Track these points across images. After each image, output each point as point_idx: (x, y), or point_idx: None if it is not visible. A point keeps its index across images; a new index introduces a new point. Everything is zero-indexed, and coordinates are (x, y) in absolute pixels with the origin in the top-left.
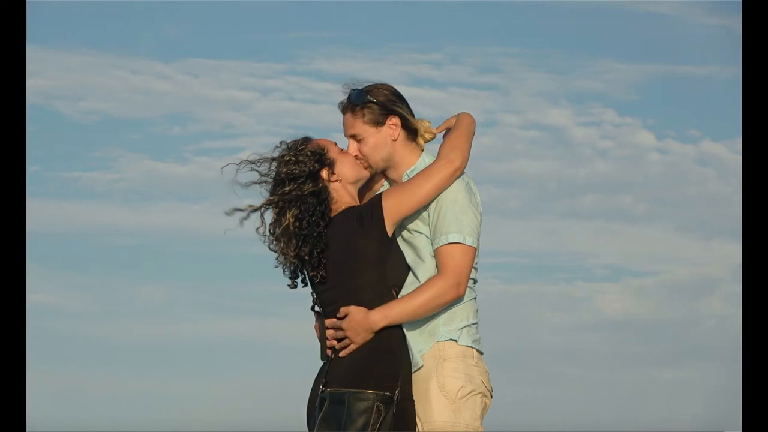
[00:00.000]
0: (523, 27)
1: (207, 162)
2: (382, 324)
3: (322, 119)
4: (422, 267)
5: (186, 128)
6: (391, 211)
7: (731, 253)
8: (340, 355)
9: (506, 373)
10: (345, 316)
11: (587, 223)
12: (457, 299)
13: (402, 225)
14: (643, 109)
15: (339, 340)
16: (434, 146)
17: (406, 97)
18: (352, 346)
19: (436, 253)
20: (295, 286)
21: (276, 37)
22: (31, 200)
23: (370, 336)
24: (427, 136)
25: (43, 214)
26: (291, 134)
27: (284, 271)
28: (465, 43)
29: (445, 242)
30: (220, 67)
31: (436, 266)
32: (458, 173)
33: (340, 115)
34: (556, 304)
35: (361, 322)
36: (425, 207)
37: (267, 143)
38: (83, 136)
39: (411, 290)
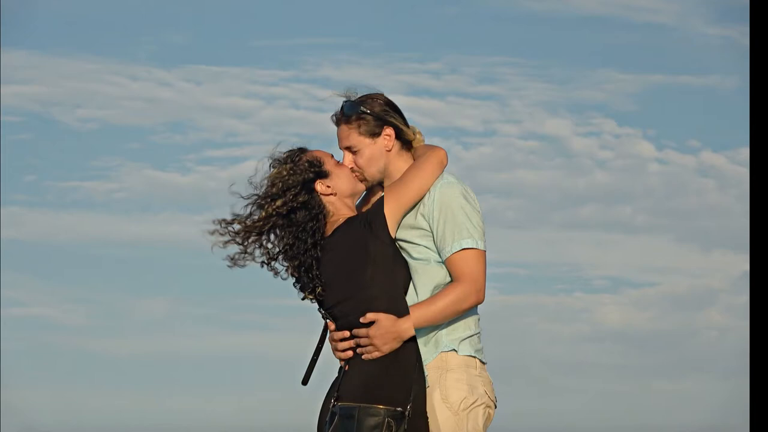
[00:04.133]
0: (523, 37)
1: (209, 171)
2: (412, 332)
3: (328, 128)
4: (421, 279)
5: (187, 137)
6: (392, 208)
7: (731, 264)
8: (364, 357)
9: (505, 384)
10: (372, 322)
11: (586, 233)
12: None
13: (397, 237)
14: (643, 120)
15: (354, 349)
16: None
17: (403, 107)
18: (377, 354)
19: (450, 261)
20: (310, 298)
21: (281, 43)
22: (28, 210)
23: (397, 345)
24: (419, 141)
25: (40, 224)
26: (296, 143)
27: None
28: (464, 53)
29: (458, 248)
30: (222, 74)
31: (450, 274)
32: (446, 159)
33: None
34: (555, 315)
35: (391, 329)
36: (424, 218)
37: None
38: (82, 145)
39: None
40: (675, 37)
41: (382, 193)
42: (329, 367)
